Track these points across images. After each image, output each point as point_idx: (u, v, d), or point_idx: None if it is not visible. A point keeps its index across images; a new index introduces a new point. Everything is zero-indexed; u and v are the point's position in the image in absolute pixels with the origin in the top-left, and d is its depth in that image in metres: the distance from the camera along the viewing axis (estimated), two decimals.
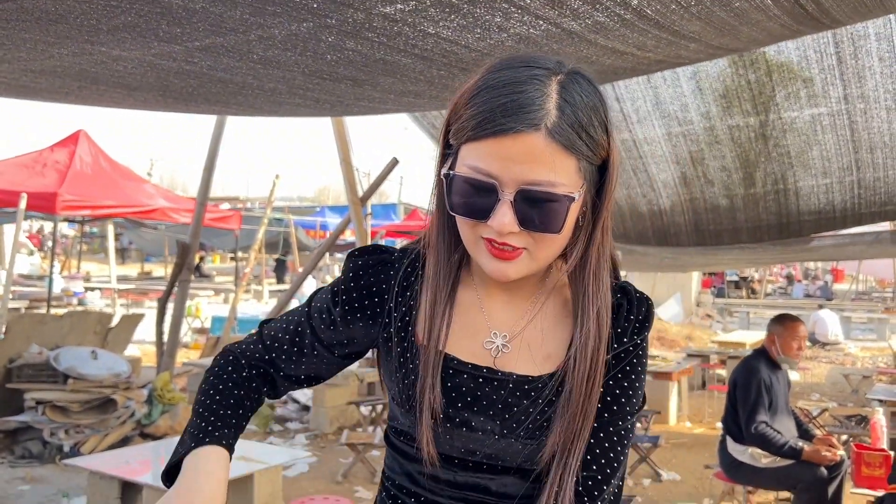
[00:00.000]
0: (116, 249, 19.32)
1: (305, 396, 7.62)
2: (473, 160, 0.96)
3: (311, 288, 16.65)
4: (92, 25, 1.60)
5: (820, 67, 3.88)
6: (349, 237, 16.07)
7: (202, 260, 27.52)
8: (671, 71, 4.06)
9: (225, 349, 1.21)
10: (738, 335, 11.62)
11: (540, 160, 0.94)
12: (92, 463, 4.15)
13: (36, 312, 9.95)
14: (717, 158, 4.40)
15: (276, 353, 1.17)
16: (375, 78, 2.09)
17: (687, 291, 18.66)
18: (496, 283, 1.08)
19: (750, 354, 4.52)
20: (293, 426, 7.10)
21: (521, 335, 1.09)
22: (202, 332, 12.46)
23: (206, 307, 14.42)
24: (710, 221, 4.73)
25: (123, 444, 5.68)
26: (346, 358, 1.19)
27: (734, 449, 4.32)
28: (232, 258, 25.19)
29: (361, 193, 7.62)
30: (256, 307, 15.28)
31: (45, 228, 25.02)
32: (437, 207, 1.08)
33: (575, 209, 0.98)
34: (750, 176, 4.34)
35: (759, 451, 4.20)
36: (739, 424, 4.23)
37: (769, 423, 4.12)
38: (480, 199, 0.96)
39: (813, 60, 3.84)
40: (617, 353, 1.07)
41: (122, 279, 19.07)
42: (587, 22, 1.66)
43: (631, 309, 1.09)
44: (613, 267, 1.11)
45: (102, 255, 25.37)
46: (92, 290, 16.42)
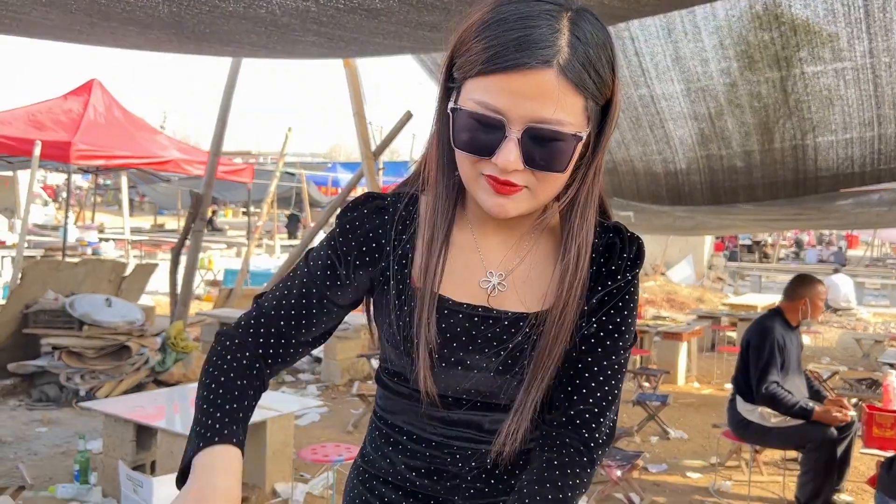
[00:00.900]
0: (129, 201, 19.38)
1: (317, 349, 7.71)
2: (481, 95, 0.94)
3: None
4: None
5: (847, 21, 3.79)
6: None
7: (214, 214, 27.62)
8: (692, 25, 3.97)
9: (220, 335, 1.16)
10: (749, 298, 11.59)
11: (549, 98, 0.92)
12: (108, 407, 4.22)
13: (51, 259, 10.03)
14: (735, 115, 4.33)
15: (283, 321, 1.14)
16: (390, 5, 2.05)
17: (699, 254, 18.59)
18: (492, 222, 1.08)
19: (764, 314, 4.51)
20: (305, 377, 7.18)
21: (516, 274, 1.09)
22: (215, 284, 12.56)
23: (218, 260, 14.51)
24: (725, 178, 4.68)
25: (138, 390, 5.76)
26: (353, 306, 1.19)
27: (743, 408, 4.33)
28: (244, 212, 25.26)
29: (374, 148, 7.57)
30: (268, 261, 15.34)
31: (56, 180, 25.11)
32: (436, 144, 1.07)
33: (579, 149, 0.97)
34: (769, 132, 4.28)
35: (768, 410, 4.21)
36: (750, 384, 4.24)
37: (780, 383, 4.12)
38: (486, 135, 0.95)
39: (840, 14, 3.76)
40: (610, 290, 1.08)
41: (135, 231, 19.18)
42: None
43: (623, 248, 1.09)
44: (604, 209, 1.11)
45: (116, 207, 25.50)
46: (106, 240, 16.52)
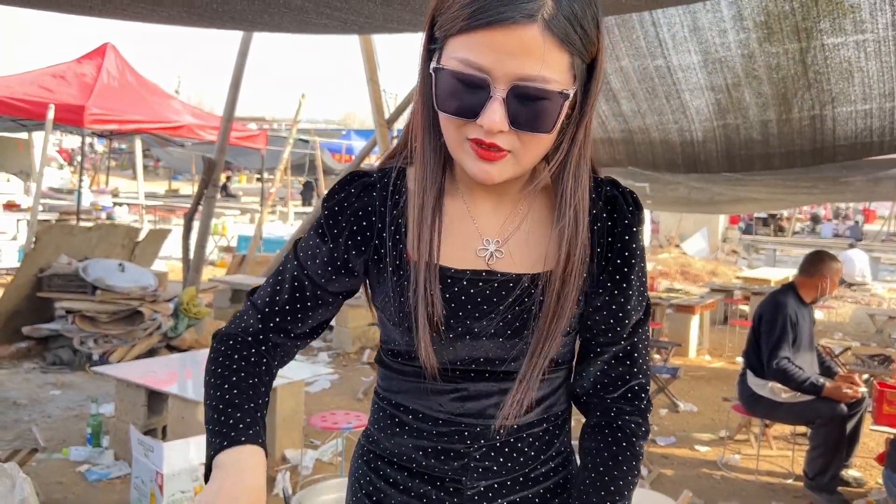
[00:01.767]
0: (144, 167, 19.41)
1: None
2: (464, 53, 0.90)
3: None
4: None
5: None
6: (375, 162, 15.99)
7: (228, 180, 27.68)
8: None
9: (218, 334, 1.14)
10: (763, 272, 11.52)
11: (534, 54, 0.89)
12: (120, 371, 4.26)
13: (65, 224, 10.09)
14: (753, 87, 4.26)
15: (279, 316, 1.12)
16: None
17: (714, 227, 18.47)
18: (483, 188, 1.06)
19: (778, 289, 4.47)
20: (316, 344, 7.22)
21: (512, 239, 1.07)
22: (228, 250, 12.62)
23: (232, 226, 14.57)
24: (742, 147, 4.63)
25: (150, 355, 5.81)
26: (349, 295, 1.16)
27: (754, 383, 4.31)
28: (258, 178, 25.26)
29: (388, 115, 7.51)
30: (282, 228, 15.38)
31: (72, 143, 25.16)
32: (421, 110, 1.03)
33: (566, 108, 0.94)
34: (787, 103, 4.22)
35: (778, 385, 4.19)
36: (761, 358, 4.22)
37: (791, 359, 4.10)
38: (470, 95, 0.91)
39: None
40: (621, 246, 1.08)
41: (149, 196, 19.26)
42: None
43: (625, 199, 1.09)
44: (593, 167, 1.09)
45: (130, 171, 25.57)
46: (120, 205, 16.60)
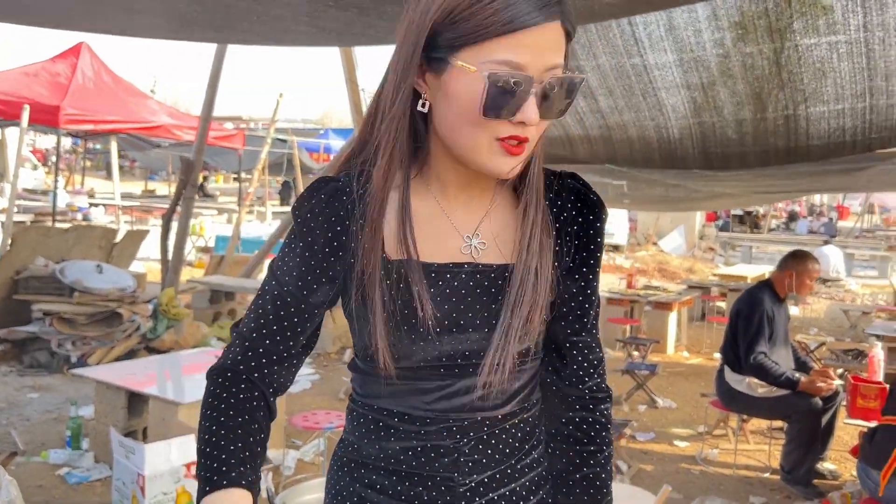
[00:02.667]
0: (120, 167, 19.22)
1: None
2: (503, 54, 0.94)
3: None
4: None
5: None
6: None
7: (206, 179, 27.46)
8: None
9: (211, 372, 1.12)
10: (739, 269, 11.65)
11: (560, 48, 0.98)
12: (99, 373, 4.23)
13: (41, 225, 9.97)
14: (728, 86, 4.32)
15: (269, 340, 1.11)
16: (382, 6, 2.01)
17: (691, 224, 18.64)
18: (454, 186, 1.09)
19: (754, 286, 4.54)
20: None
21: (489, 231, 1.11)
22: (206, 250, 12.53)
23: (209, 226, 14.45)
24: (717, 144, 4.70)
25: (129, 357, 5.77)
26: (332, 303, 1.15)
27: (731, 378, 4.38)
28: (235, 178, 25.10)
29: None
30: (260, 228, 15.28)
31: (46, 143, 24.85)
32: (392, 115, 1.03)
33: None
34: (761, 102, 4.28)
35: (755, 380, 4.26)
36: (738, 354, 4.28)
37: (767, 353, 4.16)
38: (510, 96, 0.95)
39: None
40: (590, 232, 1.14)
41: (125, 196, 19.06)
42: None
43: (588, 191, 1.14)
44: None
45: (105, 172, 25.29)
46: (96, 206, 16.42)
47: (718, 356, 4.66)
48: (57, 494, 3.72)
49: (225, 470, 1.01)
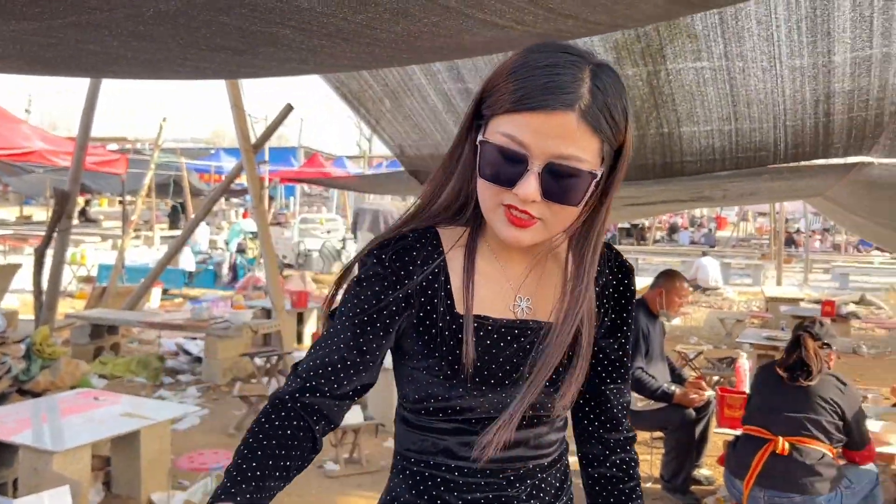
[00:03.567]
0: None
1: (198, 348, 7.48)
2: (509, 129, 1.04)
3: (203, 235, 16.05)
4: None
5: (703, 25, 4.04)
6: (245, 181, 15.60)
7: (88, 203, 26.21)
8: None
9: (273, 396, 1.17)
10: None
11: (570, 137, 1.03)
12: None
13: None
14: None
15: (324, 382, 1.15)
16: (255, 48, 2.03)
17: None
18: (515, 249, 1.18)
19: None
20: (185, 378, 6.98)
21: (539, 294, 1.20)
22: (88, 280, 11.95)
23: (92, 254, 13.80)
24: None
25: (0, 401, 5.44)
26: (384, 355, 1.22)
27: None
28: (120, 202, 24.10)
29: (255, 140, 7.41)
30: (147, 254, 14.72)
31: None
32: (460, 176, 1.15)
33: (593, 186, 1.08)
34: (639, 121, 4.52)
35: (635, 394, 4.45)
36: None
37: (645, 368, 4.36)
38: (510, 167, 1.05)
39: (697, 17, 4.00)
40: (626, 303, 1.27)
41: None
42: None
43: (620, 260, 1.28)
44: None
45: None
46: None
47: None
48: None
49: (241, 489, 1.05)
